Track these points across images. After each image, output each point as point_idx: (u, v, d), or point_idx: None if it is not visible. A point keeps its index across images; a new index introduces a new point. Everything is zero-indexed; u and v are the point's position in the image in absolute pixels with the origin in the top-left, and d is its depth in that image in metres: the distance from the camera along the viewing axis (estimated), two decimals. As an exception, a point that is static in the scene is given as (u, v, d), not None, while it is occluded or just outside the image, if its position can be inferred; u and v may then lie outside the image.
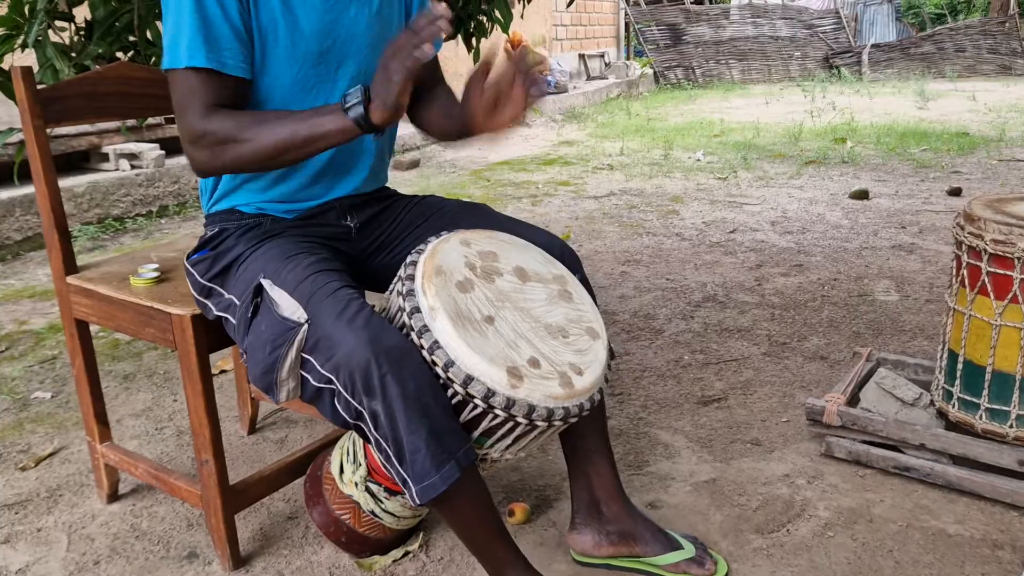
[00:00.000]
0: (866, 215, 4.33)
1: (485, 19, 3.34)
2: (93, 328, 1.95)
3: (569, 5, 3.67)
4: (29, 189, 3.90)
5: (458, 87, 1.41)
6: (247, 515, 1.74)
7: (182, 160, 4.75)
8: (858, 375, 2.01)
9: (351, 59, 1.42)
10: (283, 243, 1.36)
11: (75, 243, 4.08)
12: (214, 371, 2.22)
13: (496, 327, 1.24)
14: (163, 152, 4.77)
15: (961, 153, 6.20)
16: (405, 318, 1.22)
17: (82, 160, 4.69)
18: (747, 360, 2.47)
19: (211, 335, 1.45)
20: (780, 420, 2.10)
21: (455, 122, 1.37)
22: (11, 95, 2.36)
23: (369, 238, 1.51)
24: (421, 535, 1.63)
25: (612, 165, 6.18)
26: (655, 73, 13.16)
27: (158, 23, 2.41)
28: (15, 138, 2.36)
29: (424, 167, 6.45)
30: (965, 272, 1.71)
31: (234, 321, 1.33)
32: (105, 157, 4.64)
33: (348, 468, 1.53)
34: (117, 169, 4.62)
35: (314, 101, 1.39)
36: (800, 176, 5.51)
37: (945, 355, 1.81)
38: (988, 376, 1.69)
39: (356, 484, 1.51)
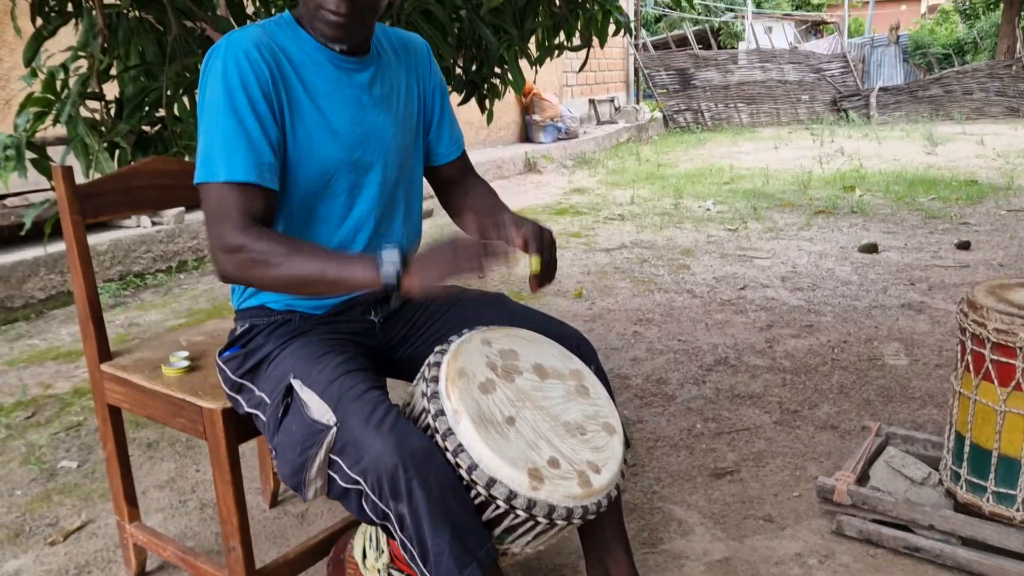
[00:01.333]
0: (875, 270, 4.37)
1: (499, 81, 3.43)
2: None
3: (581, 69, 3.77)
4: (52, 248, 3.99)
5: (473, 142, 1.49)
6: (270, 595, 1.78)
7: (200, 216, 4.86)
8: (868, 451, 2.05)
9: (378, 164, 1.49)
10: (312, 342, 1.42)
11: (97, 301, 4.17)
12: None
13: (517, 428, 1.30)
14: (183, 208, 4.88)
15: (970, 202, 6.25)
16: (430, 420, 1.28)
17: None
18: (759, 429, 2.51)
19: (240, 427, 1.51)
20: (792, 495, 2.13)
21: (476, 229, 1.44)
22: (45, 172, 2.47)
23: (392, 331, 1.57)
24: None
25: (623, 215, 6.26)
26: (664, 117, 13.33)
27: (185, 98, 2.51)
28: (39, 198, 2.43)
29: (437, 216, 6.53)
30: (970, 358, 1.76)
31: (264, 418, 1.39)
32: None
33: (371, 554, 1.58)
34: (138, 226, 4.72)
35: (343, 204, 1.46)
36: (810, 227, 5.57)
37: (952, 437, 1.85)
38: (994, 460, 1.73)
39: (379, 571, 1.55)
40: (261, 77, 1.35)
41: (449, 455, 1.25)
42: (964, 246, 4.82)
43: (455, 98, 3.26)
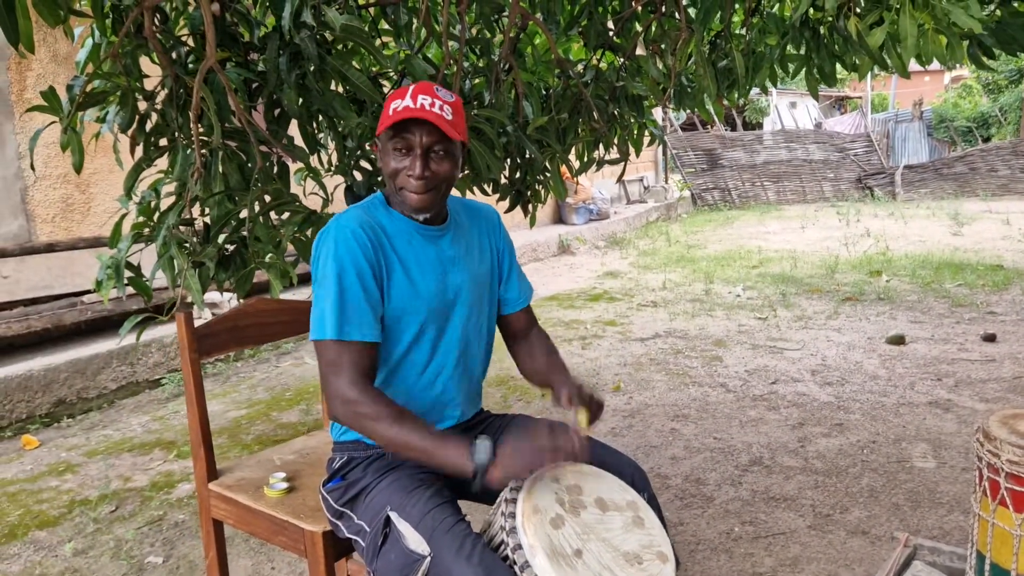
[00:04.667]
0: (903, 364, 4.53)
1: (541, 188, 3.71)
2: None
3: (619, 181, 4.04)
4: (125, 342, 4.28)
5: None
6: None
7: (258, 307, 5.15)
8: (896, 563, 2.21)
9: (456, 314, 1.75)
10: (404, 476, 1.65)
11: (164, 390, 4.46)
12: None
13: (584, 560, 1.50)
14: (240, 300, 5.18)
15: (996, 289, 6.40)
16: (509, 552, 1.49)
17: (169, 311, 5.11)
18: (794, 534, 2.67)
19: (336, 547, 1.72)
20: (826, 602, 2.29)
21: (537, 383, 1.70)
22: (141, 290, 2.75)
23: (470, 463, 1.80)
24: None
25: (655, 302, 6.48)
26: (693, 195, 13.64)
27: (261, 219, 2.79)
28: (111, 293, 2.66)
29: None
30: (987, 484, 1.93)
31: (364, 544, 1.61)
32: (190, 306, 5.06)
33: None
34: (200, 317, 5.03)
35: (428, 350, 1.71)
36: (838, 316, 5.75)
37: (974, 555, 2.01)
38: (1013, 579, 1.89)
39: None
40: (366, 252, 1.62)
41: (527, 584, 1.45)
42: (990, 339, 4.97)
43: (502, 206, 3.55)
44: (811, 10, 3.05)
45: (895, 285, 6.71)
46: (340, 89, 2.91)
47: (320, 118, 3.03)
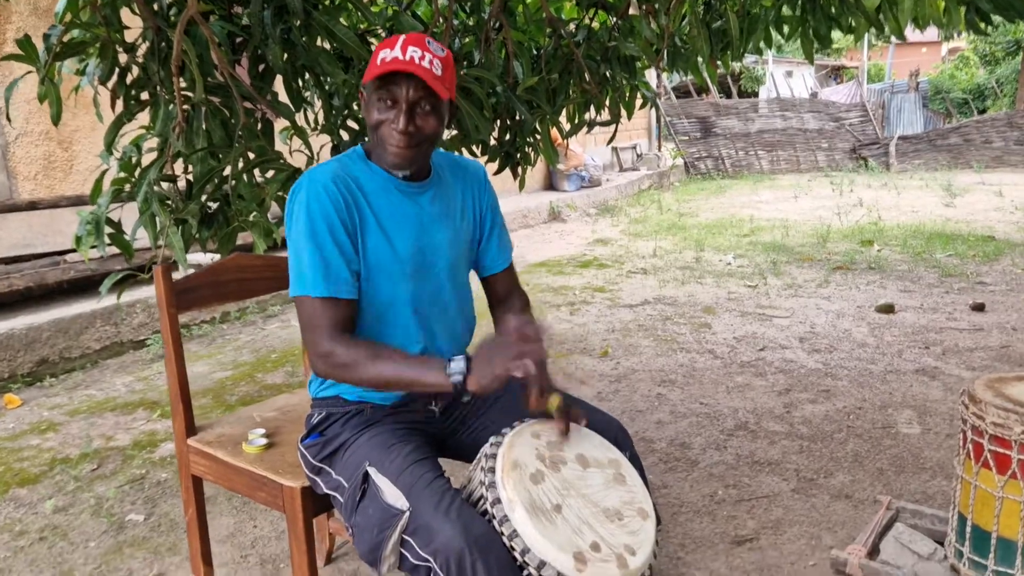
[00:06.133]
0: (891, 332, 4.53)
1: (531, 151, 3.66)
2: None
3: (610, 143, 3.99)
4: (108, 302, 4.24)
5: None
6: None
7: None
8: (879, 525, 2.21)
9: (435, 272, 1.72)
10: (383, 431, 1.63)
11: (148, 351, 4.43)
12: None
13: (563, 515, 1.49)
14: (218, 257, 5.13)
15: (986, 260, 6.40)
16: (488, 506, 1.47)
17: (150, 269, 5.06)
18: (777, 497, 2.68)
19: (315, 503, 1.71)
20: (808, 564, 2.29)
21: None
22: (122, 247, 2.71)
23: (450, 419, 1.78)
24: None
25: (646, 269, 6.46)
26: (686, 163, 13.57)
27: (245, 176, 2.74)
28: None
29: (466, 267, 6.77)
30: (970, 446, 1.93)
31: (342, 500, 1.59)
32: (174, 267, 5.00)
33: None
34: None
35: (407, 307, 1.68)
36: (828, 284, 5.74)
37: (955, 516, 2.01)
38: (994, 541, 1.89)
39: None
40: (338, 207, 1.59)
41: (505, 539, 1.44)
42: (979, 308, 4.97)
43: (491, 168, 3.50)
44: (807, -31, 2.99)
45: (886, 255, 6.70)
46: (327, 45, 2.84)
47: (306, 75, 2.97)
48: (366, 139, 1.93)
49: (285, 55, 2.67)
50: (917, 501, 2.60)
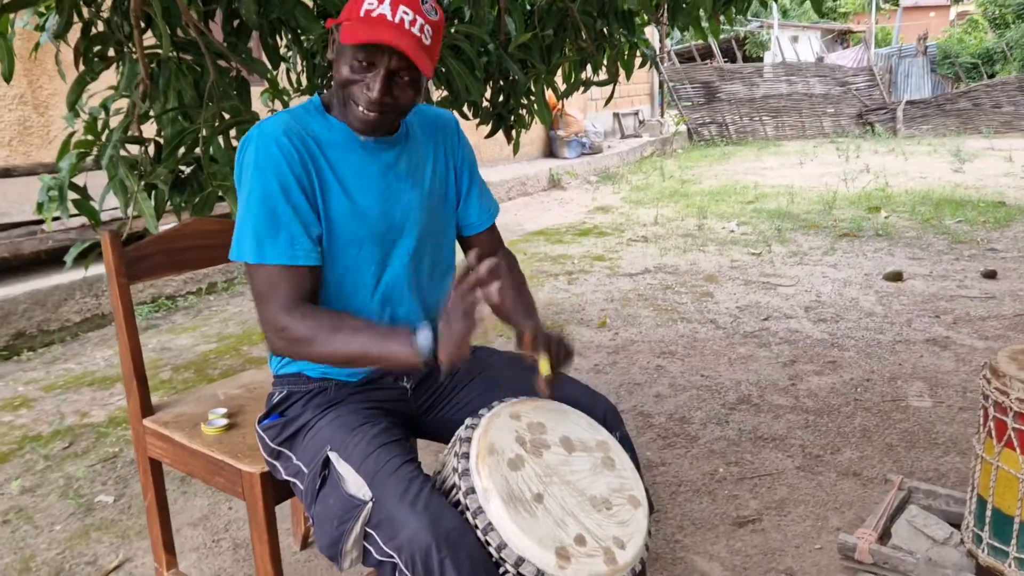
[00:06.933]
0: (900, 300, 4.37)
1: (525, 113, 3.48)
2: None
3: (608, 103, 3.81)
4: (89, 273, 4.09)
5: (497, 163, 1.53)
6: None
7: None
8: (890, 506, 2.07)
9: (405, 237, 1.54)
10: (347, 412, 1.47)
11: (130, 324, 4.27)
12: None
13: (545, 505, 1.34)
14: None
15: (997, 226, 6.21)
16: (460, 496, 1.32)
17: (137, 240, 4.90)
18: (781, 475, 2.53)
19: (278, 490, 1.56)
20: (814, 547, 2.15)
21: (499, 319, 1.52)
22: (87, 213, 2.55)
23: (423, 397, 1.62)
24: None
25: (647, 237, 6.28)
26: (689, 130, 13.32)
27: (220, 139, 2.57)
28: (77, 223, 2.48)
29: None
30: (992, 424, 1.77)
31: (302, 487, 1.44)
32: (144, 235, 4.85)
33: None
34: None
35: (373, 275, 1.51)
36: (834, 252, 5.56)
37: (974, 499, 1.87)
38: (1016, 526, 1.74)
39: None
40: (292, 163, 1.41)
41: (479, 532, 1.29)
42: (990, 275, 4.80)
43: (482, 131, 3.32)
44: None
45: (894, 221, 6.51)
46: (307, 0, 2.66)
47: (283, 31, 2.79)
48: (324, 91, 1.72)
49: (259, 9, 2.49)
50: (930, 480, 2.45)
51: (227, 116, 2.53)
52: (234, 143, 2.60)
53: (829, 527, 2.24)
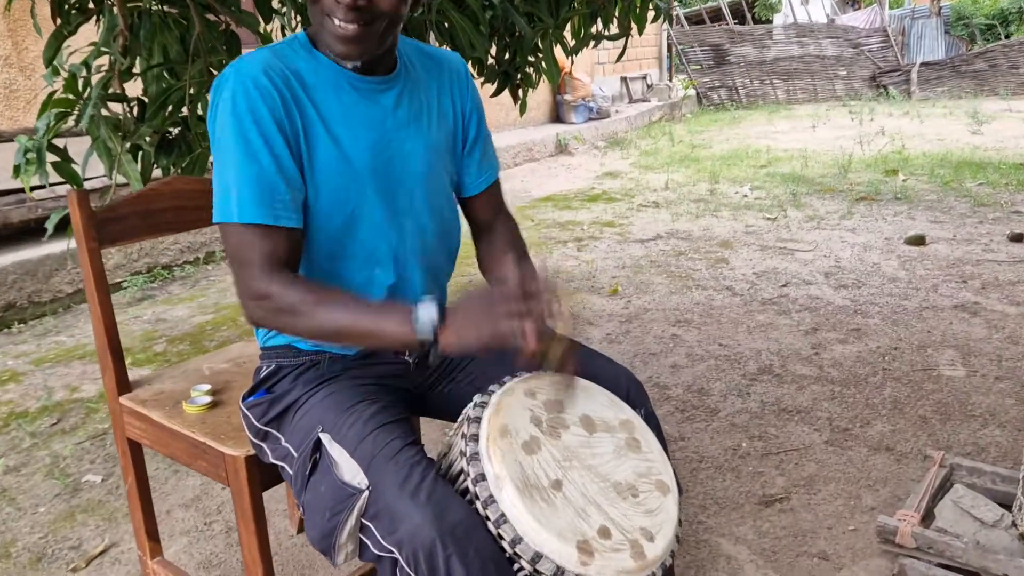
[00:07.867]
0: (924, 265, 4.19)
1: (532, 71, 3.29)
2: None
3: (619, 59, 3.61)
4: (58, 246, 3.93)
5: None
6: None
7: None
8: (931, 485, 1.91)
9: (404, 193, 1.37)
10: (342, 389, 1.31)
11: (124, 294, 4.13)
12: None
13: (564, 493, 1.18)
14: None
15: (1021, 188, 6.00)
16: (469, 484, 1.17)
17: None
18: (808, 450, 2.38)
19: (265, 474, 1.41)
20: (847, 528, 2.00)
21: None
22: (68, 176, 2.39)
23: (428, 370, 1.47)
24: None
25: (657, 202, 6.09)
26: (698, 94, 13.04)
27: (207, 96, 2.40)
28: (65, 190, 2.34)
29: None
30: (1054, 397, 1.61)
31: (291, 472, 1.29)
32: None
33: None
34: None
35: (367, 238, 1.34)
36: (852, 216, 5.37)
37: (1030, 478, 1.71)
38: (1079, 508, 1.59)
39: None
40: (273, 107, 1.23)
41: (491, 525, 1.14)
42: (1018, 239, 4.61)
43: (487, 89, 3.13)
44: None
45: (912, 184, 6.30)
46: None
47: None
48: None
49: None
50: (968, 454, 2.30)
51: (215, 73, 2.36)
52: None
53: (863, 506, 2.09)
